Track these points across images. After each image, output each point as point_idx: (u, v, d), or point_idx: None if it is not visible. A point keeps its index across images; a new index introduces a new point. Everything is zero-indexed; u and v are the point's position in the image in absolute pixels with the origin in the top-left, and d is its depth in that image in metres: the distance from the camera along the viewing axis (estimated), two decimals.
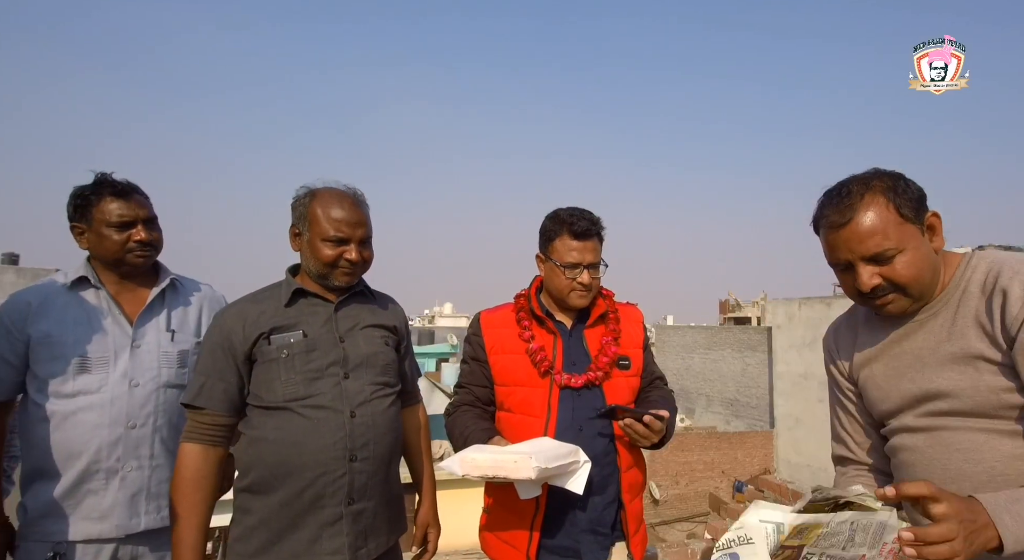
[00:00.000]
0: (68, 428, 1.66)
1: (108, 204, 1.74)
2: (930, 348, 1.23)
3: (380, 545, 1.62)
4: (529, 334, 1.79)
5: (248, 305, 1.60)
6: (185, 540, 1.47)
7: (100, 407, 1.68)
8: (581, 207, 1.81)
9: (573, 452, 1.57)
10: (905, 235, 1.19)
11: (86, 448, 1.66)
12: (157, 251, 1.85)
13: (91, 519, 1.66)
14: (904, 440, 1.27)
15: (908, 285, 1.20)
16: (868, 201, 1.20)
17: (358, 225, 1.61)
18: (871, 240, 1.19)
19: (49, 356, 1.67)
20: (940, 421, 1.21)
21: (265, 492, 1.51)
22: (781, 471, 17.15)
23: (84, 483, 1.66)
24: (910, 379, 1.25)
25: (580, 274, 1.74)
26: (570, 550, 1.71)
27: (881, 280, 1.20)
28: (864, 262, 1.21)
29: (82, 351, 1.69)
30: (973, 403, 1.16)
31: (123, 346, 1.74)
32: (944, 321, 1.23)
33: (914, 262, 1.19)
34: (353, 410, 1.56)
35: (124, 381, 1.72)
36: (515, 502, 1.65)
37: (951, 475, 1.18)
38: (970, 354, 1.17)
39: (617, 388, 1.77)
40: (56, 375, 1.67)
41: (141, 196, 1.82)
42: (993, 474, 1.13)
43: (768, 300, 22.85)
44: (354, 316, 1.67)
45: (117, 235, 1.75)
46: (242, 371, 1.56)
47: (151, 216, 1.82)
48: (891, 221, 1.19)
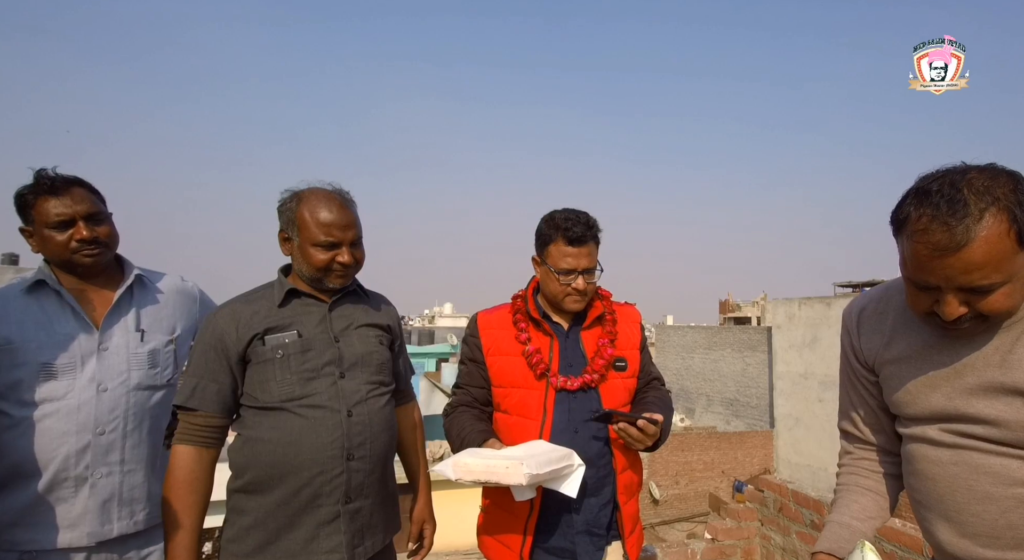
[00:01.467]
0: (34, 436, 1.59)
1: (43, 203, 1.63)
2: (976, 369, 1.09)
3: (376, 543, 1.62)
4: (526, 336, 1.79)
5: (241, 306, 1.59)
6: (180, 542, 1.47)
7: (66, 414, 1.61)
8: (577, 209, 1.78)
9: (567, 456, 1.57)
10: (1016, 266, 0.97)
11: (53, 456, 1.60)
12: (108, 247, 1.73)
13: (62, 527, 1.61)
14: (926, 451, 1.17)
15: (997, 317, 1.03)
16: (989, 224, 0.94)
17: (348, 227, 1.60)
18: (978, 272, 0.97)
19: (11, 363, 1.59)
20: (969, 441, 1.10)
21: (261, 492, 1.51)
22: (781, 471, 17.14)
23: (52, 491, 1.61)
24: (945, 395, 1.12)
25: (575, 280, 1.73)
26: (566, 551, 1.71)
27: (967, 310, 1.03)
28: (958, 291, 1.01)
29: (46, 357, 1.61)
30: (1014, 436, 1.05)
31: (89, 350, 1.66)
32: (1002, 345, 1.07)
33: (1012, 295, 1.00)
34: (350, 409, 1.56)
35: (91, 386, 1.64)
36: (511, 503, 1.65)
37: (976, 497, 1.09)
38: (1022, 390, 1.03)
39: (613, 390, 1.77)
40: (20, 382, 1.59)
41: (82, 189, 1.69)
42: (1021, 500, 1.05)
43: (768, 300, 22.82)
44: (348, 316, 1.67)
45: (59, 235, 1.64)
46: (235, 372, 1.55)
47: (93, 210, 1.69)
48: (1008, 251, 0.95)
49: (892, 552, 3.47)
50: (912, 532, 3.40)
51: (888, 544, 3.49)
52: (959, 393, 1.11)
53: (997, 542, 1.08)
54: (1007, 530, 1.06)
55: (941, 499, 1.14)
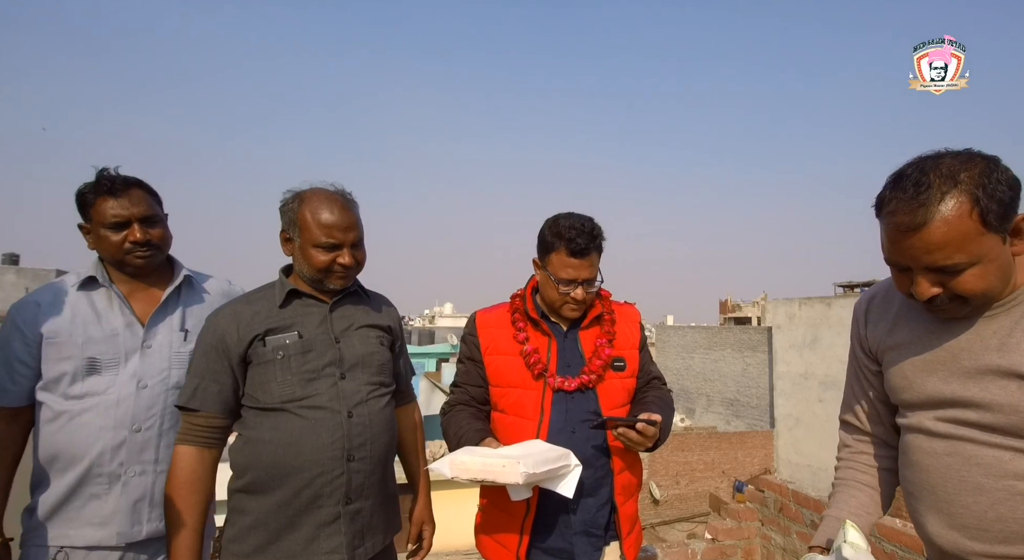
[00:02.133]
0: (72, 430, 1.62)
1: (102, 204, 1.68)
2: (973, 352, 1.10)
3: (377, 544, 1.63)
4: (524, 336, 1.79)
5: (241, 306, 1.60)
6: (183, 542, 1.47)
7: (105, 409, 1.64)
8: (582, 216, 1.74)
9: (564, 456, 1.57)
10: (983, 248, 1.00)
11: (88, 451, 1.62)
12: (161, 249, 1.78)
13: (92, 524, 1.63)
14: (920, 442, 1.19)
15: (972, 298, 1.05)
16: (949, 204, 0.98)
17: (349, 228, 1.60)
18: (940, 252, 1.00)
19: (57, 356, 1.63)
20: (963, 431, 1.12)
21: (262, 492, 1.51)
22: (781, 471, 17.14)
23: (86, 487, 1.63)
24: (942, 378, 1.14)
25: (574, 290, 1.72)
26: (563, 551, 1.71)
27: (941, 291, 1.06)
28: (926, 271, 1.05)
29: (91, 352, 1.65)
30: (1007, 421, 1.06)
31: (133, 347, 1.70)
32: (999, 328, 1.09)
33: (984, 276, 1.02)
34: (350, 410, 1.56)
35: (132, 382, 1.67)
36: (508, 503, 1.65)
37: (967, 488, 1.11)
38: (1019, 373, 1.05)
39: (611, 390, 1.77)
40: (65, 375, 1.63)
41: (141, 191, 1.74)
42: (1013, 492, 1.06)
43: (768, 300, 22.84)
44: (349, 317, 1.67)
45: (114, 236, 1.69)
46: (237, 373, 1.55)
47: (149, 213, 1.73)
48: (971, 232, 0.98)
49: (893, 552, 3.46)
50: (912, 532, 3.39)
51: (888, 544, 3.49)
52: (955, 376, 1.12)
53: (985, 535, 1.09)
54: (995, 523, 1.08)
55: (933, 490, 1.16)
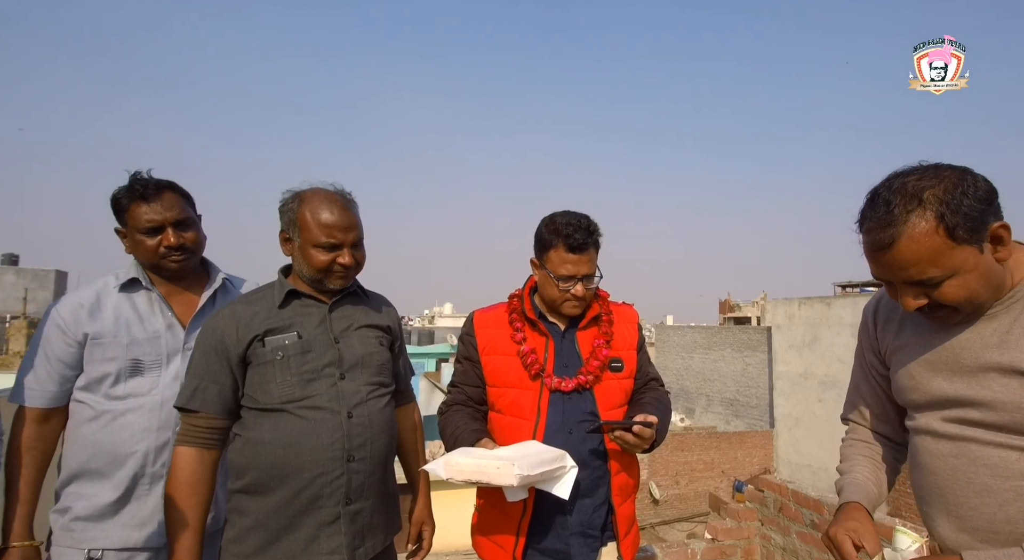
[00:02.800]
0: (116, 430, 1.63)
1: (136, 209, 1.70)
2: (974, 351, 1.13)
3: (377, 544, 1.63)
4: (521, 336, 1.79)
5: (241, 307, 1.60)
6: (183, 544, 1.47)
7: (150, 410, 1.66)
8: (578, 213, 1.76)
9: (560, 457, 1.57)
10: (956, 260, 1.03)
11: (133, 451, 1.64)
12: (195, 253, 1.80)
13: (130, 526, 1.63)
14: (928, 444, 1.21)
15: (958, 307, 1.09)
16: (913, 223, 1.02)
17: (349, 228, 1.60)
18: (913, 268, 1.05)
19: (102, 357, 1.65)
20: (969, 431, 1.14)
21: (262, 493, 1.51)
22: (781, 471, 17.14)
23: (128, 488, 1.63)
24: (946, 378, 1.17)
25: (574, 286, 1.72)
26: (560, 552, 1.71)
27: (927, 301, 1.10)
28: (906, 285, 1.10)
29: (136, 353, 1.67)
30: (1010, 419, 1.08)
31: (175, 349, 1.73)
32: (999, 327, 1.11)
33: (965, 285, 1.05)
34: (350, 410, 1.56)
35: (175, 384, 1.68)
36: (504, 504, 1.65)
37: (975, 489, 1.12)
38: (1019, 369, 1.07)
39: (608, 391, 1.77)
40: (108, 376, 1.65)
41: (174, 194, 1.75)
42: (1021, 493, 1.07)
43: (768, 300, 22.84)
44: (348, 317, 1.67)
45: (149, 240, 1.71)
46: (236, 373, 1.55)
47: (182, 217, 1.74)
48: (939, 247, 1.02)
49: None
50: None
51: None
52: (958, 375, 1.15)
53: (996, 537, 1.10)
54: (1005, 524, 1.09)
55: (942, 493, 1.18)
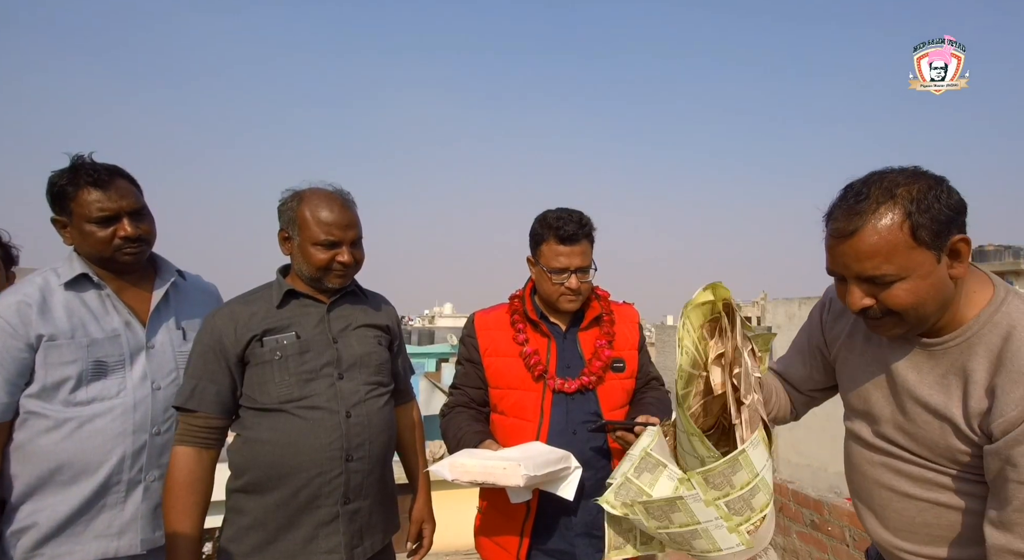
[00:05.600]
0: (83, 438, 1.51)
1: (86, 196, 1.54)
2: (911, 383, 1.17)
3: (376, 544, 1.63)
4: (523, 337, 1.79)
5: (239, 307, 1.60)
6: (181, 544, 1.46)
7: (123, 413, 1.55)
8: (570, 208, 1.77)
9: (564, 458, 1.57)
10: (912, 262, 1.04)
11: (106, 458, 1.52)
12: (149, 245, 1.67)
13: (107, 536, 1.53)
14: (860, 450, 1.30)
15: (903, 313, 1.08)
16: (882, 214, 1.03)
17: (348, 227, 1.60)
18: (869, 262, 1.05)
19: (59, 360, 1.50)
20: (895, 449, 1.22)
21: (260, 492, 1.51)
22: (781, 471, 17.12)
23: (102, 497, 1.53)
24: (884, 396, 1.23)
25: (568, 279, 1.72)
26: (564, 553, 1.71)
27: (873, 303, 1.09)
28: (857, 281, 1.09)
29: (97, 354, 1.54)
30: (928, 454, 1.15)
31: (137, 348, 1.62)
32: (937, 365, 1.14)
33: (915, 291, 1.05)
34: (348, 410, 1.56)
35: (146, 384, 1.60)
36: (507, 505, 1.65)
37: (897, 495, 1.21)
38: (945, 416, 1.11)
39: (611, 391, 1.77)
40: (67, 380, 1.51)
41: (126, 182, 1.61)
42: (937, 503, 1.16)
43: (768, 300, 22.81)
44: (347, 316, 1.67)
45: (100, 231, 1.56)
46: (234, 373, 1.55)
47: (137, 206, 1.61)
48: (900, 244, 1.03)
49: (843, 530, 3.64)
50: None
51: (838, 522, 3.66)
52: (896, 397, 1.21)
53: (914, 536, 1.20)
54: (923, 527, 1.19)
55: (869, 493, 1.28)
